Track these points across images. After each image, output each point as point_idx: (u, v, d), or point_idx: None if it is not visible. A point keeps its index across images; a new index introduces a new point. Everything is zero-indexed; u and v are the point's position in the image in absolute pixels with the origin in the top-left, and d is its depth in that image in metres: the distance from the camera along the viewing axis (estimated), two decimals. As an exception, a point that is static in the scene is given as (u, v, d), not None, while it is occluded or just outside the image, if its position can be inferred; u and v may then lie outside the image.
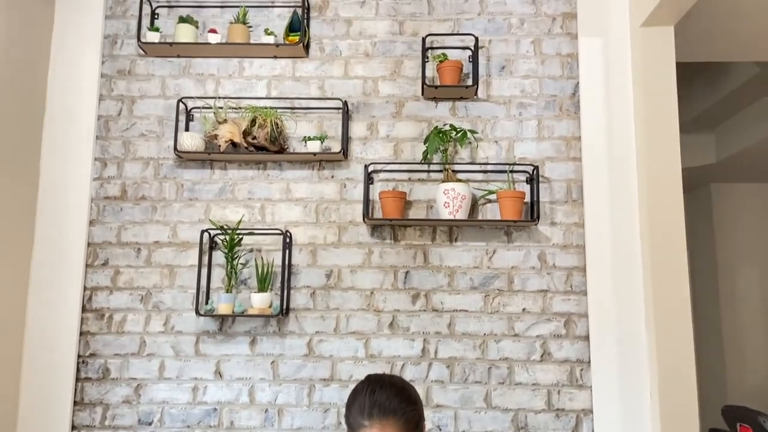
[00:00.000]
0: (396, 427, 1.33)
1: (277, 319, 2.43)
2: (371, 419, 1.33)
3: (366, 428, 1.33)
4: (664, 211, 2.34)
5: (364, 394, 1.38)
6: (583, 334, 2.38)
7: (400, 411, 1.34)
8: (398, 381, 1.42)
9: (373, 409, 1.34)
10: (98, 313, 2.46)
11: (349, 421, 1.39)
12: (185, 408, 2.38)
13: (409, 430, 1.34)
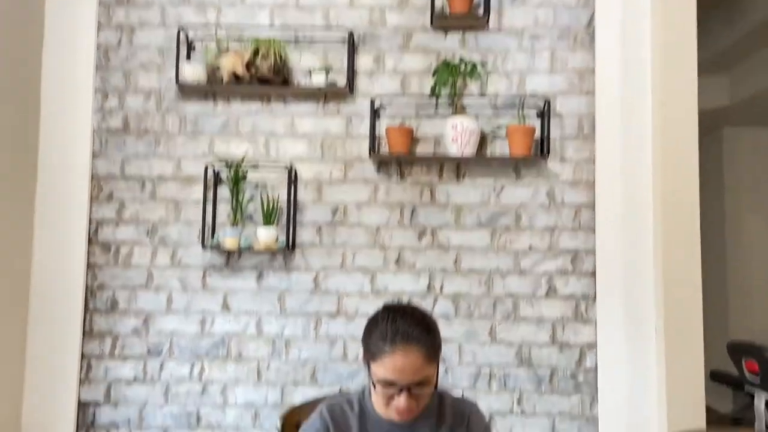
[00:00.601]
0: (419, 354, 1.32)
1: (283, 255, 2.43)
2: (394, 346, 1.32)
3: (388, 355, 1.32)
4: (679, 148, 2.29)
5: (386, 322, 1.35)
6: (589, 270, 2.37)
7: (422, 339, 1.33)
8: (418, 310, 1.41)
9: (396, 336, 1.32)
10: (105, 246, 2.46)
11: (369, 348, 1.37)
12: (193, 339, 2.42)
13: (430, 357, 1.34)
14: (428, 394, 1.36)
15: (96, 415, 2.39)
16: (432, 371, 1.34)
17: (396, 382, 1.31)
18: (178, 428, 2.37)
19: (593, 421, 2.31)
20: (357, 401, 1.46)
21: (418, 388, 1.32)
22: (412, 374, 1.31)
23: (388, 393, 1.33)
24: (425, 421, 1.43)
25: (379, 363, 1.32)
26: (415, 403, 1.34)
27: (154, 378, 2.40)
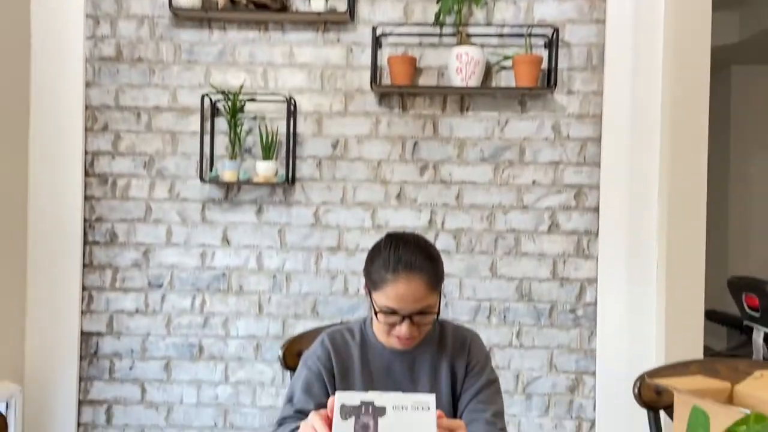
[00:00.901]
0: (421, 282, 1.31)
1: (282, 188, 2.40)
2: (396, 274, 1.30)
3: (390, 282, 1.31)
4: (689, 83, 2.23)
5: (389, 250, 1.34)
6: (593, 206, 2.35)
7: (425, 267, 1.32)
8: (421, 238, 1.39)
9: (398, 265, 1.31)
10: (101, 178, 2.42)
11: (371, 276, 1.36)
12: (194, 272, 2.42)
13: (432, 286, 1.33)
14: (430, 323, 1.36)
15: (99, 345, 2.42)
16: (434, 300, 1.33)
17: (398, 311, 1.31)
18: (181, 359, 2.40)
19: (591, 355, 2.33)
20: (358, 330, 1.46)
21: (420, 317, 1.32)
22: (414, 303, 1.30)
23: (389, 321, 1.33)
24: (426, 349, 1.43)
25: (381, 292, 1.32)
26: (417, 331, 1.34)
27: (155, 310, 2.42)
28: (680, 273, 2.24)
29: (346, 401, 1.05)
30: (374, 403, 1.05)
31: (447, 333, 1.45)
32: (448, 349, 1.43)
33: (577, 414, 2.33)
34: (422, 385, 1.40)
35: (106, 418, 2.40)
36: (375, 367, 1.41)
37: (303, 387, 1.39)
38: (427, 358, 1.42)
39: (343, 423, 1.02)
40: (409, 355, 1.42)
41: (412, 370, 1.41)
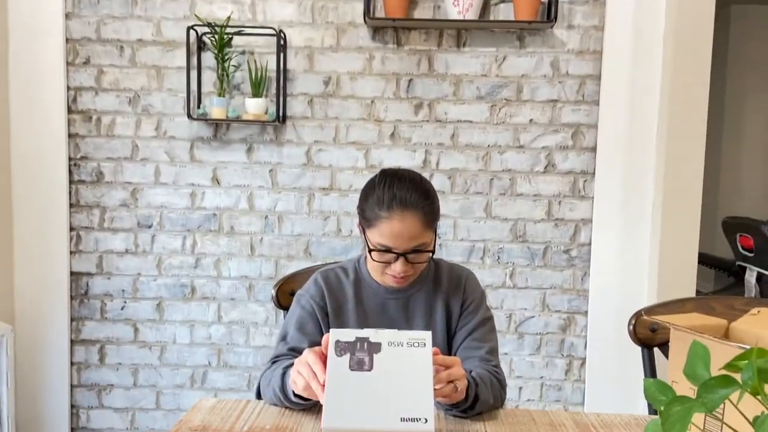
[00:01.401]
0: (416, 220, 1.28)
1: (273, 127, 2.34)
2: (390, 211, 1.27)
3: (384, 220, 1.28)
4: (693, 20, 2.16)
5: (383, 187, 1.30)
6: (590, 146, 2.31)
7: (419, 204, 1.28)
8: (416, 175, 1.35)
9: (392, 202, 1.27)
10: (85, 115, 2.34)
11: (364, 214, 1.33)
12: (184, 213, 2.37)
13: (427, 223, 1.30)
14: (425, 261, 1.33)
15: (89, 286, 2.39)
16: (429, 238, 1.31)
17: (392, 249, 1.28)
18: (173, 299, 2.39)
19: (583, 295, 2.34)
20: (352, 268, 1.44)
21: (414, 255, 1.30)
22: (409, 240, 1.28)
23: (384, 260, 1.31)
24: (421, 288, 1.42)
25: (375, 229, 1.29)
26: (412, 269, 1.32)
27: (146, 250, 2.38)
28: (676, 214, 2.22)
29: (341, 337, 1.03)
30: (369, 339, 1.04)
31: (442, 271, 1.44)
32: (444, 287, 1.41)
33: (568, 352, 2.36)
34: (417, 324, 1.39)
35: (99, 358, 2.41)
36: (369, 305, 1.40)
37: (296, 325, 1.37)
38: (422, 297, 1.41)
39: (338, 359, 1.01)
40: (403, 293, 1.40)
41: (407, 309, 1.40)
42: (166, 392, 2.41)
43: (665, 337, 1.44)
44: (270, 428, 1.16)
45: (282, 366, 1.23)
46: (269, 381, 1.25)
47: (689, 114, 2.21)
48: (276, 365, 1.28)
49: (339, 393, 0.97)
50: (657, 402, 0.90)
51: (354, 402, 0.96)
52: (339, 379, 0.99)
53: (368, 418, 0.95)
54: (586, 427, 1.21)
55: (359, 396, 0.97)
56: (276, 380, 1.22)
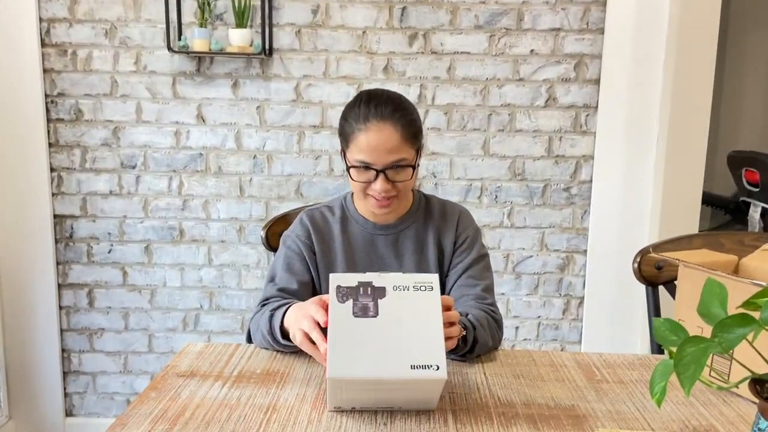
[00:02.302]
0: (393, 131, 1.23)
1: (260, 61, 2.21)
2: (367, 122, 1.23)
3: (362, 132, 1.23)
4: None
5: (359, 103, 1.27)
6: (593, 78, 2.20)
7: (397, 117, 1.24)
8: (395, 92, 1.31)
9: (368, 115, 1.23)
10: (60, 48, 2.21)
11: (344, 130, 1.29)
12: (169, 152, 2.28)
13: (406, 137, 1.25)
14: (406, 181, 1.27)
15: (74, 228, 2.32)
16: (409, 154, 1.25)
17: (371, 164, 1.23)
18: (161, 242, 2.32)
19: (583, 234, 2.29)
20: (339, 206, 1.39)
21: (394, 172, 1.24)
22: (387, 153, 1.22)
23: (363, 179, 1.25)
24: (411, 224, 1.37)
25: (354, 144, 1.24)
26: (394, 189, 1.25)
27: (130, 192, 2.30)
28: (681, 149, 2.14)
29: (342, 282, 0.97)
30: (373, 283, 0.98)
31: (434, 207, 1.38)
32: (435, 223, 1.36)
33: (566, 292, 2.32)
34: (407, 261, 1.35)
35: (88, 302, 2.36)
36: (357, 243, 1.35)
37: (284, 266, 1.33)
38: (411, 234, 1.36)
39: (341, 306, 0.95)
40: (393, 229, 1.35)
41: (396, 246, 1.35)
42: (159, 335, 2.37)
43: (670, 275, 1.39)
44: (260, 373, 1.11)
45: (269, 309, 1.19)
46: (258, 324, 1.21)
47: (698, 42, 2.10)
48: (266, 307, 1.23)
49: (344, 340, 0.91)
50: (668, 342, 0.84)
51: (360, 350, 0.90)
52: (343, 325, 0.93)
53: (376, 366, 0.89)
54: (588, 367, 1.17)
55: (365, 343, 0.91)
56: (264, 323, 1.17)
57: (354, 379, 0.88)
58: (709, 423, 0.97)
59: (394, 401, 0.95)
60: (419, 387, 0.90)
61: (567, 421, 0.96)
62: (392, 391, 0.91)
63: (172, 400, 1.00)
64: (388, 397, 0.93)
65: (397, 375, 0.88)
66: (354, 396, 0.93)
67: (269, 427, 0.92)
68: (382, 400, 0.94)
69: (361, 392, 0.92)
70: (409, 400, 0.94)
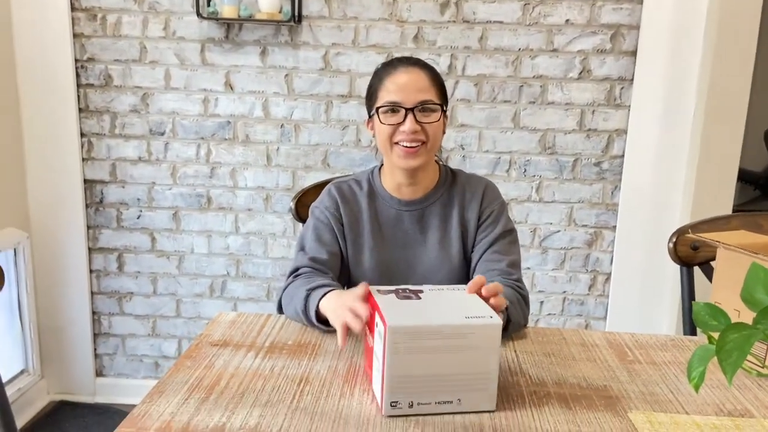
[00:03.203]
0: (421, 73, 1.27)
1: (288, 28, 2.18)
2: (395, 67, 1.27)
3: (391, 75, 1.26)
4: None
5: (387, 62, 1.32)
6: (630, 49, 2.14)
7: (424, 64, 1.29)
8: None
9: (398, 62, 1.29)
10: (89, 12, 2.20)
11: (371, 90, 1.31)
12: (197, 120, 2.28)
13: (435, 84, 1.28)
14: (435, 131, 1.27)
15: (104, 194, 2.35)
16: (437, 97, 1.27)
17: (399, 103, 1.24)
18: (189, 209, 2.34)
19: (613, 209, 2.26)
20: (366, 180, 1.39)
21: (423, 115, 1.25)
22: (416, 91, 1.24)
23: (392, 121, 1.25)
24: (436, 200, 1.36)
25: (383, 89, 1.27)
26: (422, 134, 1.25)
27: (159, 158, 2.31)
28: (718, 126, 2.08)
29: (379, 289, 1.01)
30: (409, 288, 1.02)
31: (459, 182, 1.38)
32: (459, 198, 1.36)
33: (593, 267, 2.30)
34: (431, 237, 1.34)
35: (118, 266, 2.40)
36: (383, 217, 1.36)
37: (314, 236, 1.34)
38: (437, 210, 1.35)
39: (383, 296, 0.97)
40: (418, 205, 1.35)
41: (421, 222, 1.35)
42: (186, 300, 2.41)
43: (706, 256, 1.37)
44: (293, 344, 1.12)
45: (305, 288, 1.18)
46: (291, 298, 1.21)
47: (741, 14, 2.01)
48: (299, 281, 1.24)
49: (395, 306, 0.93)
50: (708, 327, 0.83)
51: (413, 311, 0.93)
52: (390, 302, 0.94)
53: (433, 317, 0.90)
54: (620, 347, 1.16)
55: (417, 308, 0.93)
56: (299, 302, 1.17)
57: (413, 328, 0.87)
58: (744, 407, 0.96)
59: (454, 381, 0.90)
60: (476, 337, 0.89)
61: (599, 401, 0.96)
62: (451, 353, 0.89)
63: (206, 369, 1.01)
64: (447, 366, 0.89)
65: (454, 322, 0.89)
66: (412, 367, 0.88)
67: (303, 398, 0.93)
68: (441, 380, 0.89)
69: (420, 361, 0.88)
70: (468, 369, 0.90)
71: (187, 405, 0.90)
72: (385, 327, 0.87)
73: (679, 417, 0.92)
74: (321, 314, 1.12)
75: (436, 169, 1.37)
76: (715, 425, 0.90)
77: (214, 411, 0.89)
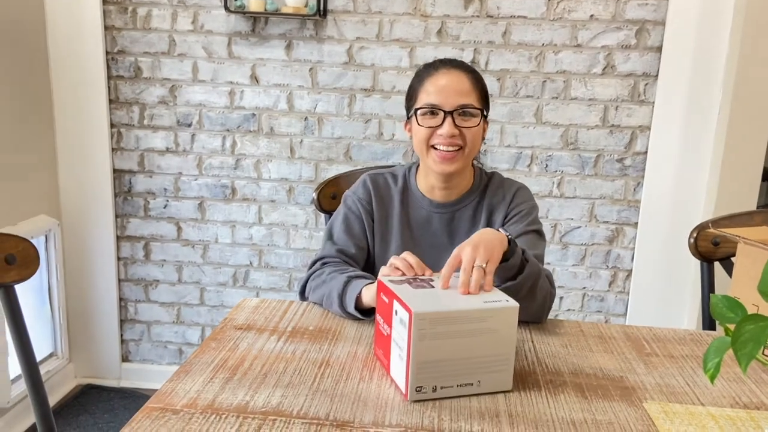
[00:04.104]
0: (462, 75, 1.26)
1: (314, 22, 2.21)
2: (436, 69, 1.27)
3: (432, 77, 1.26)
4: None
5: (431, 63, 1.31)
6: (655, 45, 2.12)
7: (466, 66, 1.28)
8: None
9: (440, 64, 1.28)
10: (120, 6, 2.25)
11: (413, 87, 1.31)
12: (223, 112, 2.32)
13: (477, 88, 1.27)
14: (474, 136, 1.26)
15: (132, 183, 2.40)
16: (477, 101, 1.26)
17: (439, 105, 1.24)
18: (214, 199, 2.39)
19: (635, 206, 2.25)
20: (402, 176, 1.39)
21: (462, 119, 1.24)
22: (456, 94, 1.23)
23: (431, 124, 1.25)
24: (468, 203, 1.36)
25: (423, 90, 1.26)
26: (460, 139, 1.24)
27: (186, 149, 2.36)
28: (744, 123, 2.06)
29: (392, 279, 1.04)
30: (419, 277, 1.06)
31: (492, 186, 1.36)
32: (490, 201, 1.35)
33: (614, 264, 2.30)
34: (459, 239, 1.34)
35: (144, 254, 2.46)
36: (414, 216, 1.36)
37: (343, 227, 1.35)
38: (467, 214, 1.35)
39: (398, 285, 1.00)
40: (449, 208, 1.35)
41: (451, 225, 1.35)
42: (210, 289, 2.47)
43: (727, 252, 1.37)
44: (314, 329, 1.15)
45: (346, 274, 1.20)
46: (324, 282, 1.23)
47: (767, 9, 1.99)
48: (330, 268, 1.25)
49: (414, 297, 0.94)
50: (725, 319, 0.84)
51: (433, 298, 0.95)
52: (406, 291, 0.97)
53: (453, 303, 0.94)
54: (638, 340, 1.17)
55: (435, 298, 0.96)
56: (337, 285, 1.19)
57: (438, 314, 0.90)
58: (760, 400, 0.96)
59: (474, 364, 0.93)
60: (495, 320, 0.93)
61: (615, 391, 0.97)
62: (471, 337, 0.92)
63: (231, 350, 1.05)
64: (467, 349, 0.92)
65: (475, 306, 0.93)
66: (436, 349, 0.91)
67: (323, 381, 0.96)
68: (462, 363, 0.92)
69: (443, 346, 0.91)
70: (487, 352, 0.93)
71: (212, 384, 0.93)
72: (410, 314, 0.89)
73: (694, 408, 0.93)
74: (360, 302, 1.14)
75: (472, 173, 1.36)
76: (730, 417, 0.91)
77: (238, 390, 0.92)
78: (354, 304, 1.15)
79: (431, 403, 0.91)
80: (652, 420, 0.89)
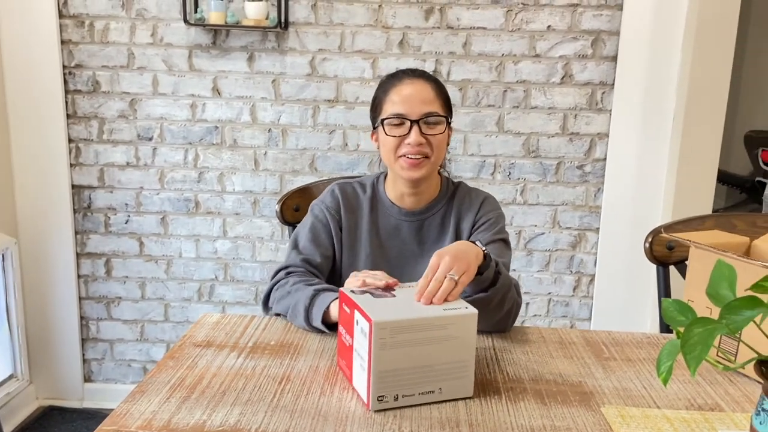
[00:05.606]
0: (426, 85, 1.28)
1: (275, 34, 2.21)
2: (400, 79, 1.29)
3: (396, 87, 1.28)
4: None
5: (393, 74, 1.33)
6: (611, 55, 2.17)
7: (429, 76, 1.31)
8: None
9: (403, 74, 1.30)
10: (77, 19, 2.22)
11: (377, 98, 1.32)
12: (185, 125, 2.29)
13: (440, 96, 1.29)
14: (440, 143, 1.28)
15: (92, 199, 2.36)
16: (441, 109, 1.28)
17: (405, 114, 1.25)
18: (177, 213, 2.36)
19: (596, 212, 2.29)
20: (370, 185, 1.40)
21: (428, 127, 1.26)
22: (421, 103, 1.25)
23: (397, 133, 1.26)
24: (437, 211, 1.37)
25: (388, 100, 1.28)
26: (427, 147, 1.26)
27: (147, 164, 2.33)
28: (698, 128, 2.12)
29: (353, 290, 1.03)
30: (380, 287, 1.05)
31: (459, 195, 1.39)
32: (458, 210, 1.37)
33: (578, 269, 2.33)
34: (428, 249, 1.35)
35: (106, 271, 2.41)
36: (383, 225, 1.36)
37: (310, 236, 1.34)
38: (436, 222, 1.37)
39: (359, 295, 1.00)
40: (418, 216, 1.36)
41: (420, 234, 1.36)
42: (174, 305, 2.42)
43: (682, 256, 1.40)
44: (275, 344, 1.14)
45: (312, 287, 1.19)
46: (289, 294, 1.21)
47: (719, 20, 2.06)
48: (295, 279, 1.24)
49: (374, 307, 0.94)
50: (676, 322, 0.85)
51: (394, 306, 0.96)
52: (367, 301, 0.97)
53: (414, 311, 0.94)
54: (597, 345, 1.19)
55: (395, 306, 0.96)
56: (303, 299, 1.18)
57: (398, 322, 0.90)
58: (715, 402, 0.99)
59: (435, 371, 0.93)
60: (455, 327, 0.93)
61: (574, 397, 0.98)
62: (431, 344, 0.92)
63: (189, 369, 1.03)
64: (428, 357, 0.92)
65: (434, 314, 0.93)
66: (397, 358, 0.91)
67: (283, 397, 0.95)
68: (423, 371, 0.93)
69: (403, 355, 0.91)
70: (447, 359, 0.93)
71: (168, 404, 0.92)
72: (370, 323, 0.89)
73: (650, 411, 0.95)
74: (328, 317, 1.14)
75: (439, 181, 1.38)
76: (685, 419, 0.93)
77: (194, 409, 0.90)
78: (321, 319, 1.14)
79: (392, 414, 0.91)
80: (609, 424, 0.90)
